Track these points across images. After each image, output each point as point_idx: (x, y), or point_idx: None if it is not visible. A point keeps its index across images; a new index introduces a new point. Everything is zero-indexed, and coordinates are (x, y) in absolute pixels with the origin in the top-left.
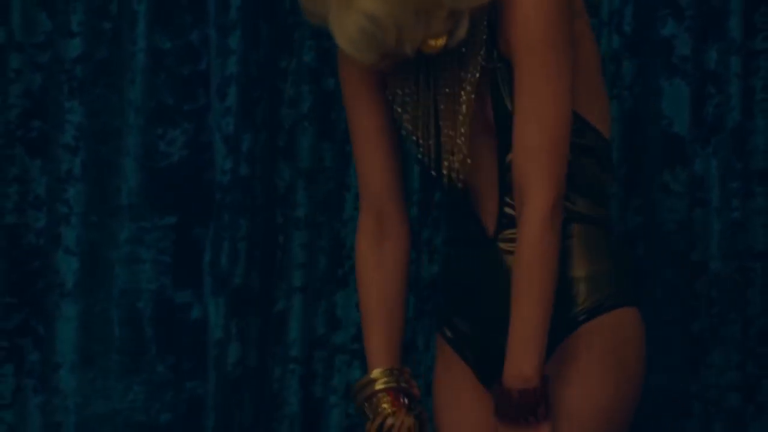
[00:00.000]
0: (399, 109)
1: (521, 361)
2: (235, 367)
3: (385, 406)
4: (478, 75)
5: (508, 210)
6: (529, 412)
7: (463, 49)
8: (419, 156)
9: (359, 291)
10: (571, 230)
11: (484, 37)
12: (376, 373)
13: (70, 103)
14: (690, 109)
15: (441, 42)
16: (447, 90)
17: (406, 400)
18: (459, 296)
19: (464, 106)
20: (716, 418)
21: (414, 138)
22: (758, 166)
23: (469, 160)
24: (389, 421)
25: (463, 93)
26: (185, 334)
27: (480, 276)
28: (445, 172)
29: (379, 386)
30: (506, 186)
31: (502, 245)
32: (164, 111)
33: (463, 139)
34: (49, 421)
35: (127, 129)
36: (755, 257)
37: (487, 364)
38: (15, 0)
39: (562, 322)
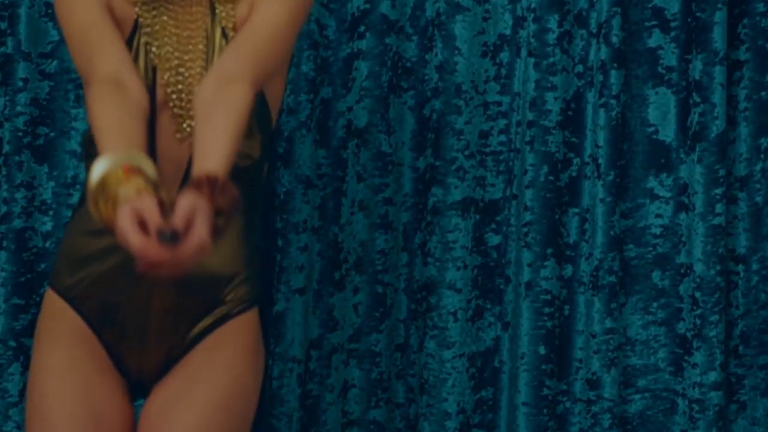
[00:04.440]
0: None
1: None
2: None
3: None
4: None
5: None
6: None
7: None
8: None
9: (96, 117)
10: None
11: None
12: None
13: (76, 111)
14: (675, 117)
15: None
16: None
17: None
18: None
19: None
20: (700, 415)
21: None
22: (741, 173)
23: None
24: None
25: None
26: None
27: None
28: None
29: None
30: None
31: None
32: None
33: None
34: None
35: None
36: (737, 260)
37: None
38: (23, 11)
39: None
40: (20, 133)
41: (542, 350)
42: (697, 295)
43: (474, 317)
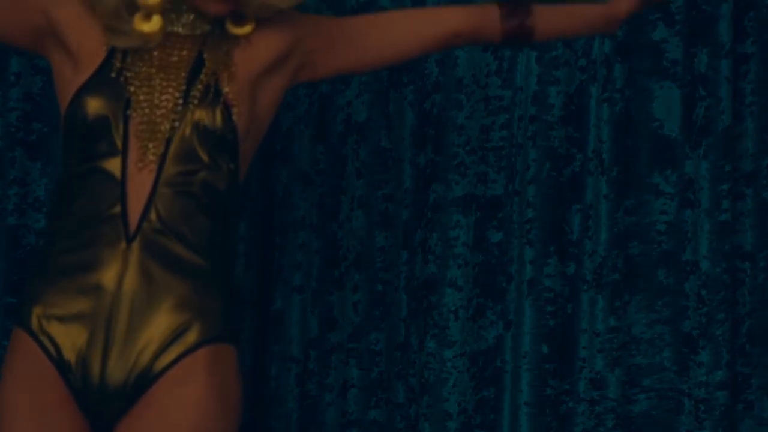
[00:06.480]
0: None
1: None
2: None
3: None
4: None
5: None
6: None
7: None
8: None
9: None
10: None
11: None
12: None
13: None
14: (680, 111)
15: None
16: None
17: None
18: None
19: None
20: (706, 415)
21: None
22: (747, 169)
23: None
24: None
25: None
26: None
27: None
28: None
29: None
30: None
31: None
32: None
33: None
34: None
35: None
36: (744, 257)
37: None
38: None
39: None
40: (13, 129)
41: (545, 349)
42: (703, 293)
43: (475, 316)
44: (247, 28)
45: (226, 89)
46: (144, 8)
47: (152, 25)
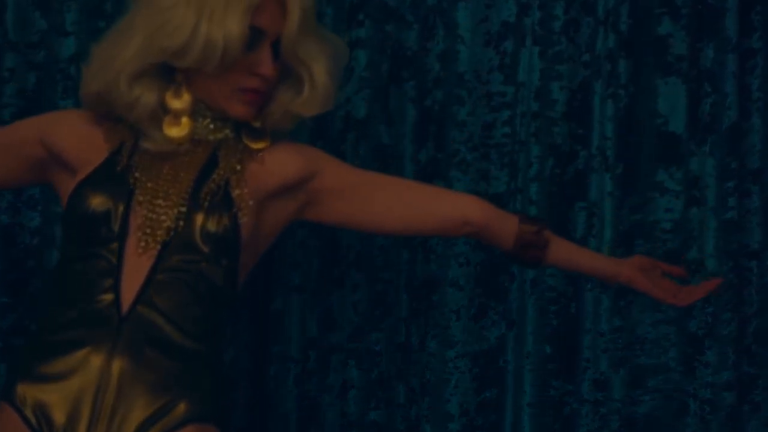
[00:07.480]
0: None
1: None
2: (229, 367)
3: None
4: None
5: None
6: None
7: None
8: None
9: None
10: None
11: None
12: None
13: (65, 103)
14: (686, 107)
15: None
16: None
17: None
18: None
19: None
20: (712, 416)
21: None
22: (754, 166)
23: None
24: None
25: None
26: None
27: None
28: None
29: None
30: None
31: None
32: None
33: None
34: None
35: None
36: (750, 256)
37: None
38: None
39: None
40: None
41: (548, 349)
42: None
43: (477, 315)
44: (262, 143)
45: (236, 192)
46: (173, 111)
47: (181, 129)
